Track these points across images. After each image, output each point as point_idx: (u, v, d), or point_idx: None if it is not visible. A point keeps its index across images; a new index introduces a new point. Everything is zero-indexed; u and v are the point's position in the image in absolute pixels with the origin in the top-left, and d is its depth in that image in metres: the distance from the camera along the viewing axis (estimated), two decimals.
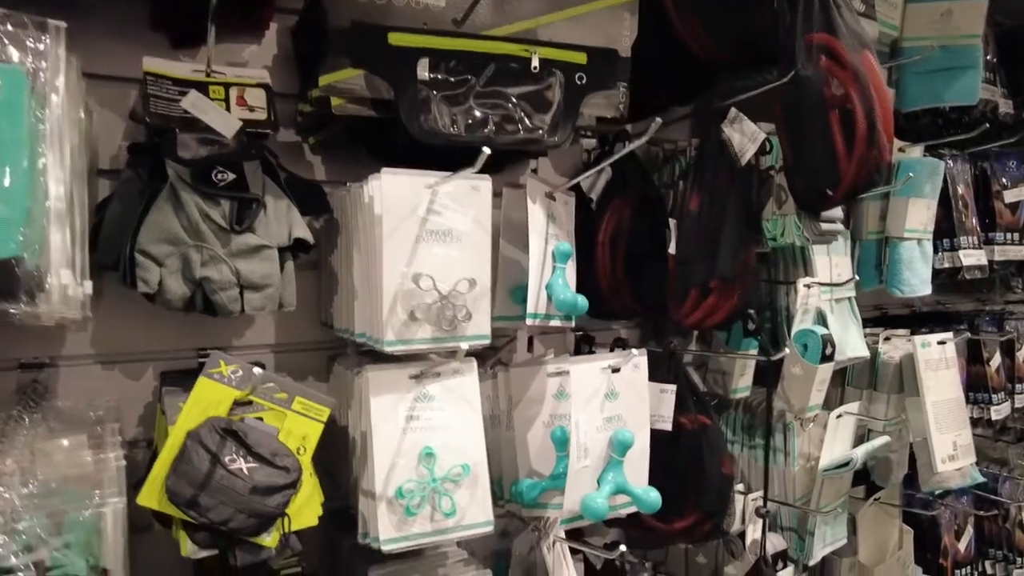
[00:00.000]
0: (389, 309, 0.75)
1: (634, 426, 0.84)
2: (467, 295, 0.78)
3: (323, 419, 0.74)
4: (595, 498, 0.78)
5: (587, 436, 0.80)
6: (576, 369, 0.79)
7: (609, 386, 0.82)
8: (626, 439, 0.81)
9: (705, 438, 1.06)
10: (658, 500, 0.83)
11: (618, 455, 0.81)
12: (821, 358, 1.04)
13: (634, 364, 0.85)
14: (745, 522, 1.14)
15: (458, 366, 0.82)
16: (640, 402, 0.86)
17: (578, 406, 0.79)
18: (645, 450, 0.86)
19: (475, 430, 0.81)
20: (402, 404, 0.78)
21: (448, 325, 0.77)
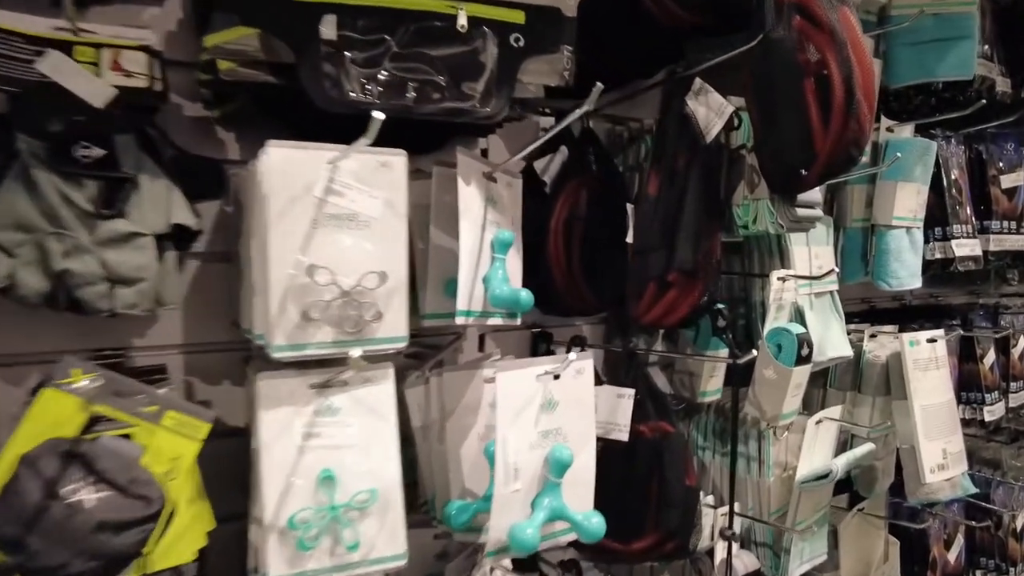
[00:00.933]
0: (279, 307, 0.63)
1: (576, 441, 0.73)
2: (376, 291, 0.66)
3: (200, 436, 0.62)
4: (524, 528, 0.67)
5: (518, 455, 0.69)
6: (505, 377, 0.68)
7: (546, 395, 0.71)
8: (564, 458, 0.70)
9: (667, 447, 0.95)
10: (601, 527, 0.72)
11: (555, 476, 0.70)
12: (797, 360, 0.93)
13: (577, 369, 0.74)
14: (714, 539, 1.04)
15: (370, 374, 0.70)
16: (584, 413, 0.75)
17: (506, 420, 0.68)
18: (589, 468, 0.75)
19: (388, 449, 0.70)
20: (299, 418, 0.67)
21: (352, 327, 0.65)
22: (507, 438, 0.68)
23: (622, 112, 1.19)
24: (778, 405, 0.94)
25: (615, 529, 0.92)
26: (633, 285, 0.87)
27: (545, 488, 0.70)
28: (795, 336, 0.92)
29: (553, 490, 0.71)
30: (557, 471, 0.70)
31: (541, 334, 1.12)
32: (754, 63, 0.81)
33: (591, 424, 0.75)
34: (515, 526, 0.67)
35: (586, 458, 0.75)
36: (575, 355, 0.71)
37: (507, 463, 0.68)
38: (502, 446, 0.67)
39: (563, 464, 0.70)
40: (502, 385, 0.67)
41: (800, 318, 1.01)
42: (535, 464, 0.70)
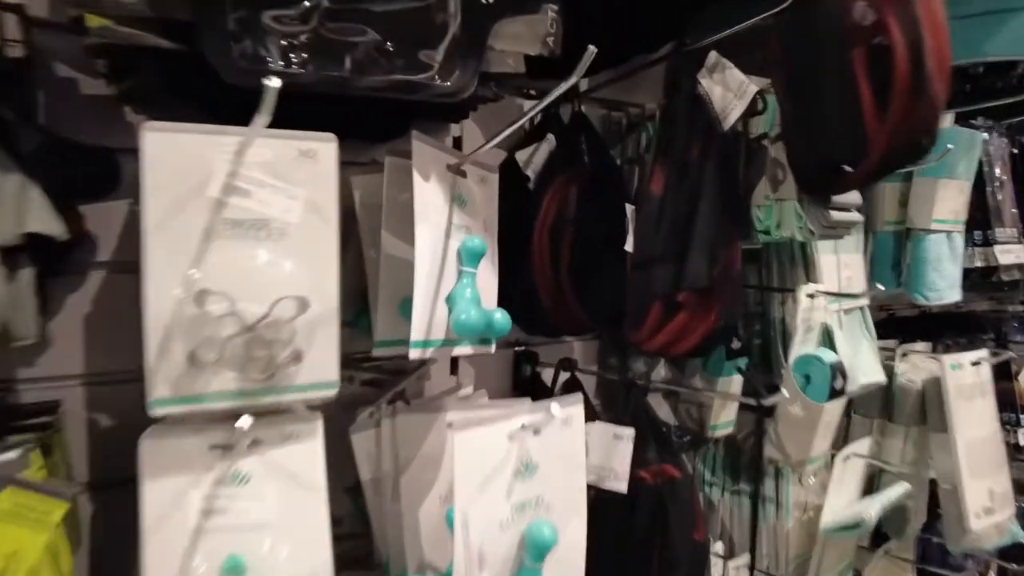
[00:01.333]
0: (159, 347, 0.47)
1: (562, 511, 0.57)
2: (293, 323, 0.50)
3: (53, 521, 0.46)
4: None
5: (483, 536, 0.53)
6: (464, 438, 0.51)
7: (523, 457, 0.55)
8: (545, 539, 0.54)
9: (672, 496, 0.79)
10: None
11: (533, 561, 0.54)
12: (830, 393, 0.77)
13: (564, 419, 0.58)
14: None
15: (291, 429, 0.54)
16: (572, 473, 0.59)
17: (466, 494, 0.51)
18: (578, 544, 0.59)
19: (316, 529, 0.53)
20: (196, 490, 0.51)
21: (260, 372, 0.49)
22: (469, 516, 0.52)
23: (620, 95, 1.02)
24: (805, 447, 0.79)
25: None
26: (633, 306, 0.71)
27: (520, 572, 0.54)
28: (828, 366, 0.77)
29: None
30: (535, 555, 0.54)
31: (525, 354, 0.97)
32: (785, 30, 0.65)
33: (581, 486, 0.59)
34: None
35: (574, 532, 0.59)
36: (557, 406, 0.55)
37: (469, 547, 0.52)
38: (462, 526, 0.51)
39: (543, 547, 0.54)
40: (461, 449, 0.51)
41: (829, 340, 0.85)
42: (507, 545, 0.54)
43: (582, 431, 0.59)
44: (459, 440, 0.51)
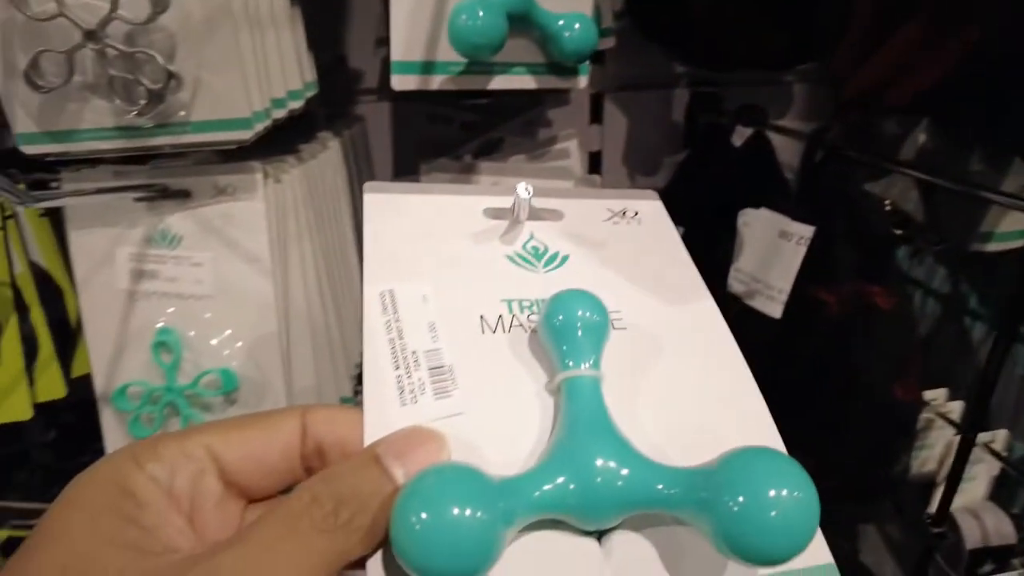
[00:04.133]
0: (3, 71, 0.35)
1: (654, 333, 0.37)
2: (171, 36, 0.34)
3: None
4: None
5: (450, 340, 0.35)
6: (375, 200, 0.32)
7: (522, 236, 0.34)
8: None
9: (868, 333, 0.51)
10: None
11: None
12: None
13: (624, 209, 0.34)
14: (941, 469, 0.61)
15: (228, 179, 0.41)
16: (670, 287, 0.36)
17: (398, 264, 0.34)
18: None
19: (260, 304, 0.42)
20: (124, 246, 0.42)
21: (131, 100, 0.35)
22: (398, 296, 0.35)
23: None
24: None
25: None
26: None
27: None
28: None
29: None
30: None
31: (701, 96, 0.67)
32: None
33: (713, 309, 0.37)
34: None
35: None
36: (525, 186, 0.32)
37: (404, 351, 0.35)
38: (381, 309, 0.35)
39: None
40: (372, 205, 0.32)
41: None
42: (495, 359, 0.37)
43: (664, 230, 0.35)
44: (372, 199, 0.32)
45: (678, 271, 0.33)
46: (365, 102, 0.68)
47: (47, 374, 0.48)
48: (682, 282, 0.33)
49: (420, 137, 0.66)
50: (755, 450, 0.20)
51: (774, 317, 0.51)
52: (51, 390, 0.48)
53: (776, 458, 0.19)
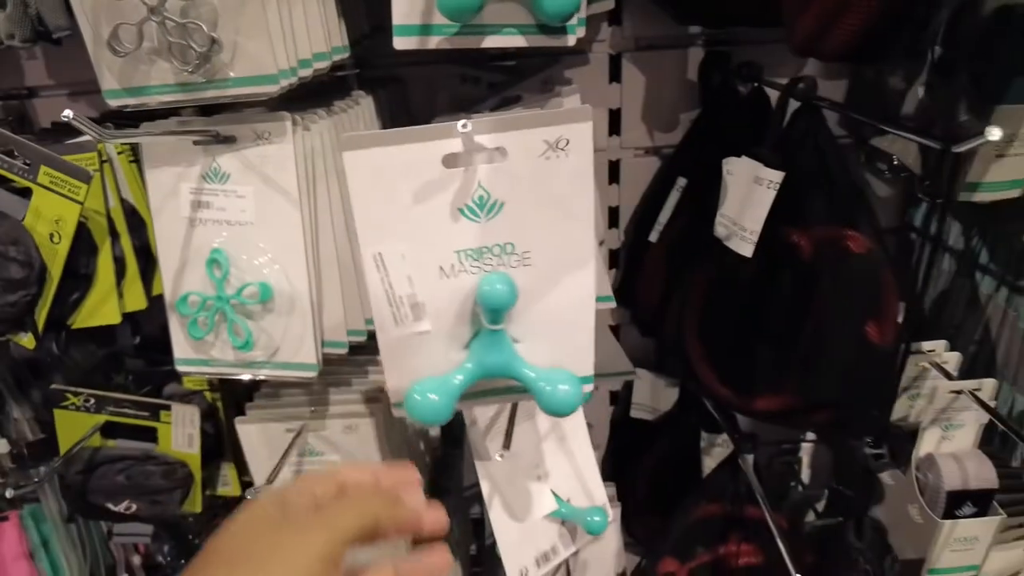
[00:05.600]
0: (94, 41, 0.45)
1: (551, 265, 0.44)
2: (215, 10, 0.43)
3: (80, 198, 0.53)
4: (427, 391, 0.44)
5: (414, 282, 0.43)
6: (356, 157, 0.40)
7: (471, 190, 0.41)
8: (499, 296, 0.42)
9: (837, 275, 0.55)
10: (570, 399, 0.45)
11: (489, 321, 0.44)
12: None
13: (552, 141, 0.41)
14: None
15: (262, 127, 0.50)
16: (566, 220, 0.43)
17: (374, 229, 0.42)
18: (580, 308, 0.45)
19: (290, 232, 0.52)
20: (185, 182, 0.52)
21: (186, 61, 0.45)
22: (387, 257, 0.43)
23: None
24: None
25: (734, 373, 0.63)
26: None
27: (479, 337, 0.45)
28: None
29: (491, 339, 0.45)
30: (489, 316, 0.44)
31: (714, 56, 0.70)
32: None
33: (582, 238, 0.44)
34: (417, 385, 0.45)
35: (571, 293, 0.45)
36: (487, 135, 0.39)
37: (395, 295, 0.44)
38: (376, 266, 0.43)
39: (492, 305, 0.43)
40: (358, 174, 0.40)
41: None
42: (459, 299, 0.44)
43: (586, 162, 0.42)
44: (354, 161, 0.40)
45: (581, 203, 0.41)
46: (406, 65, 0.76)
47: (133, 290, 0.59)
48: (580, 212, 0.41)
49: (453, 96, 0.74)
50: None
51: (745, 256, 0.55)
52: (135, 302, 0.59)
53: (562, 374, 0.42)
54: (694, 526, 0.75)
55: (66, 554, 0.78)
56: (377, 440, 0.61)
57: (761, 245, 0.56)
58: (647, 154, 0.79)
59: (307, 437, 0.61)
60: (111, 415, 0.64)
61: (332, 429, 0.61)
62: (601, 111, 0.76)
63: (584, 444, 0.67)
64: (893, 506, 0.70)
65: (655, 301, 0.70)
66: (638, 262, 0.74)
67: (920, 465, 0.64)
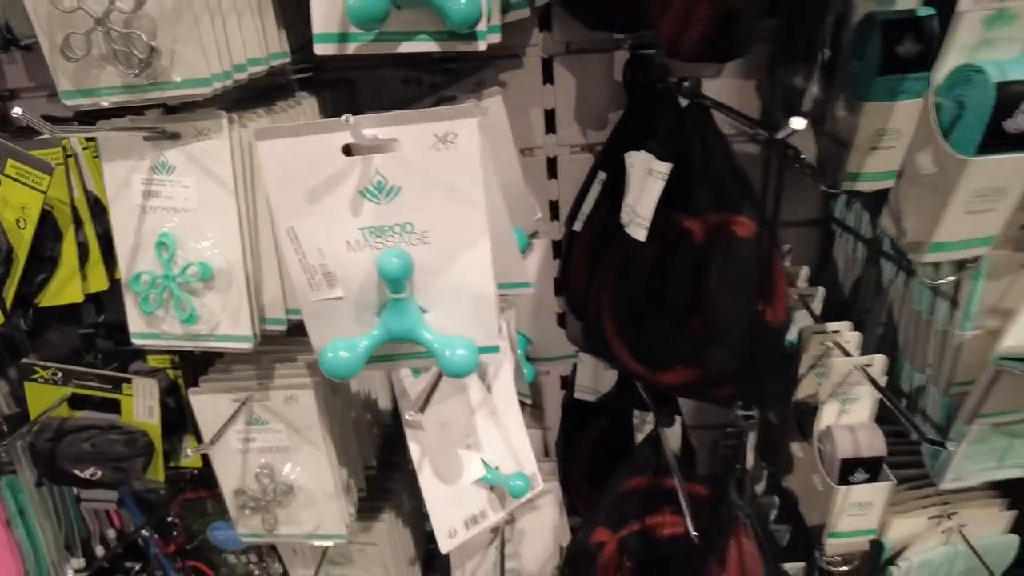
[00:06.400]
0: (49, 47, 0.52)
1: (448, 242, 0.50)
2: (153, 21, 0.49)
3: (43, 188, 0.60)
4: (339, 349, 0.50)
5: (326, 254, 0.50)
6: (270, 147, 0.46)
7: (371, 177, 0.47)
8: (393, 268, 0.48)
9: (727, 258, 0.61)
10: (467, 362, 0.51)
11: (392, 291, 0.50)
12: (985, 139, 0.44)
13: (441, 134, 0.47)
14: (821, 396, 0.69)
15: (201, 124, 0.56)
16: (459, 204, 0.49)
17: (289, 208, 0.48)
18: (478, 279, 0.51)
19: (226, 219, 0.58)
20: (137, 174, 0.59)
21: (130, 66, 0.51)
22: (297, 231, 0.49)
23: None
24: (930, 224, 0.49)
25: (643, 349, 0.68)
26: None
27: (387, 305, 0.51)
28: (992, 87, 0.43)
29: (397, 308, 0.51)
30: (390, 286, 0.50)
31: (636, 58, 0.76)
32: None
33: (474, 219, 0.50)
34: (331, 344, 0.51)
35: (468, 266, 0.51)
36: (373, 128, 0.45)
37: (308, 265, 0.50)
38: (290, 239, 0.49)
39: (389, 276, 0.49)
40: (269, 160, 0.47)
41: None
42: (365, 269, 0.50)
43: (474, 154, 0.47)
44: (266, 150, 0.46)
45: (470, 188, 0.46)
46: (355, 68, 0.82)
47: (95, 272, 0.66)
48: (470, 196, 0.46)
49: (396, 97, 0.80)
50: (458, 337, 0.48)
51: (640, 240, 0.61)
52: (98, 283, 0.66)
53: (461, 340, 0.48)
54: (623, 497, 0.80)
55: (41, 524, 0.84)
56: (317, 410, 0.67)
57: (660, 231, 0.62)
58: (582, 151, 0.84)
59: (253, 407, 0.67)
60: (77, 387, 0.70)
61: (275, 400, 0.67)
62: (537, 111, 0.82)
63: (515, 418, 0.73)
64: (801, 476, 0.75)
65: (582, 287, 0.76)
66: (569, 252, 0.80)
67: (820, 437, 0.70)
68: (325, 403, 0.68)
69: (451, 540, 0.69)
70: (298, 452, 0.69)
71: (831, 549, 0.72)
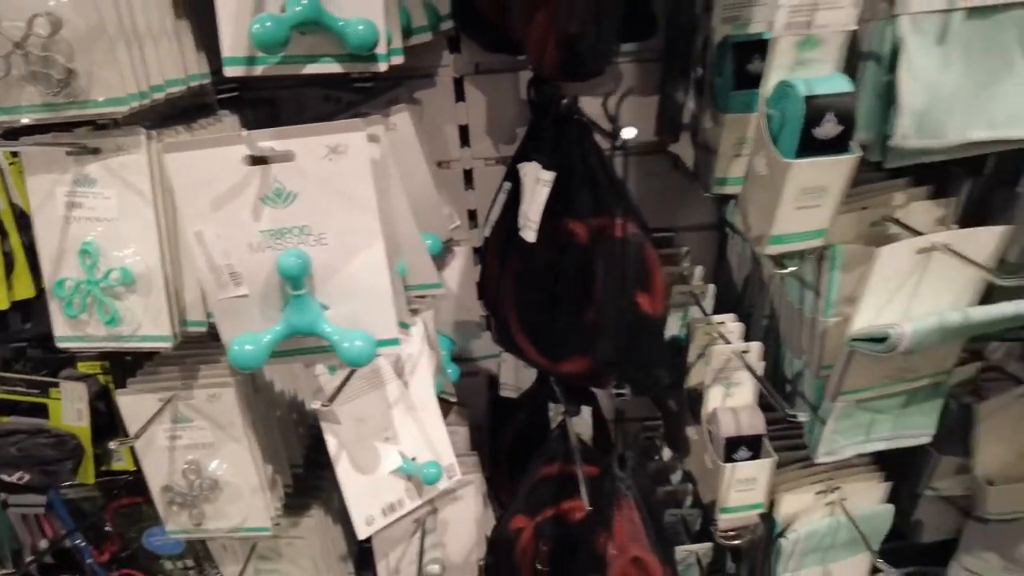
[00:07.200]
0: None
1: (344, 244, 0.55)
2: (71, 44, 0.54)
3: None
4: (244, 342, 0.55)
5: (230, 255, 0.55)
6: (178, 159, 0.51)
7: (271, 184, 0.53)
8: (292, 267, 0.53)
9: (611, 256, 0.67)
10: (364, 353, 0.56)
11: (292, 288, 0.55)
12: (802, 145, 0.52)
13: (332, 146, 0.52)
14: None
15: (121, 140, 0.61)
16: (353, 209, 0.54)
17: (197, 213, 0.53)
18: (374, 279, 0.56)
19: (145, 226, 0.62)
20: (60, 187, 0.63)
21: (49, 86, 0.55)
22: (203, 233, 0.54)
23: None
24: (767, 220, 0.56)
25: (542, 342, 0.74)
26: None
27: (289, 302, 0.56)
28: (801, 101, 0.50)
29: (299, 304, 0.56)
30: (290, 283, 0.55)
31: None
32: None
33: (367, 224, 0.55)
34: (238, 338, 0.56)
35: (364, 267, 0.56)
36: (271, 140, 0.50)
37: (215, 265, 0.55)
38: (198, 242, 0.54)
39: (288, 275, 0.54)
40: (177, 171, 0.52)
41: (887, 63, 0.54)
42: (267, 269, 0.55)
43: (363, 163, 0.53)
44: (172, 161, 0.51)
45: (362, 194, 0.52)
46: (279, 88, 0.87)
47: (21, 281, 0.69)
48: (362, 201, 0.52)
49: (317, 114, 0.85)
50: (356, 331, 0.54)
51: (531, 242, 0.67)
52: (24, 291, 0.69)
53: (359, 334, 0.54)
54: (538, 485, 0.86)
55: None
56: (239, 407, 0.71)
57: (551, 234, 0.69)
58: (496, 163, 0.91)
59: (178, 406, 0.71)
60: (4, 393, 0.73)
61: (199, 398, 0.71)
62: (451, 126, 0.89)
63: (433, 412, 0.78)
64: (696, 458, 0.82)
65: (493, 289, 0.82)
66: (483, 257, 0.86)
67: (708, 419, 0.77)
68: (247, 400, 0.72)
69: (369, 527, 0.74)
70: (222, 448, 0.73)
71: (723, 524, 0.78)
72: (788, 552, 0.83)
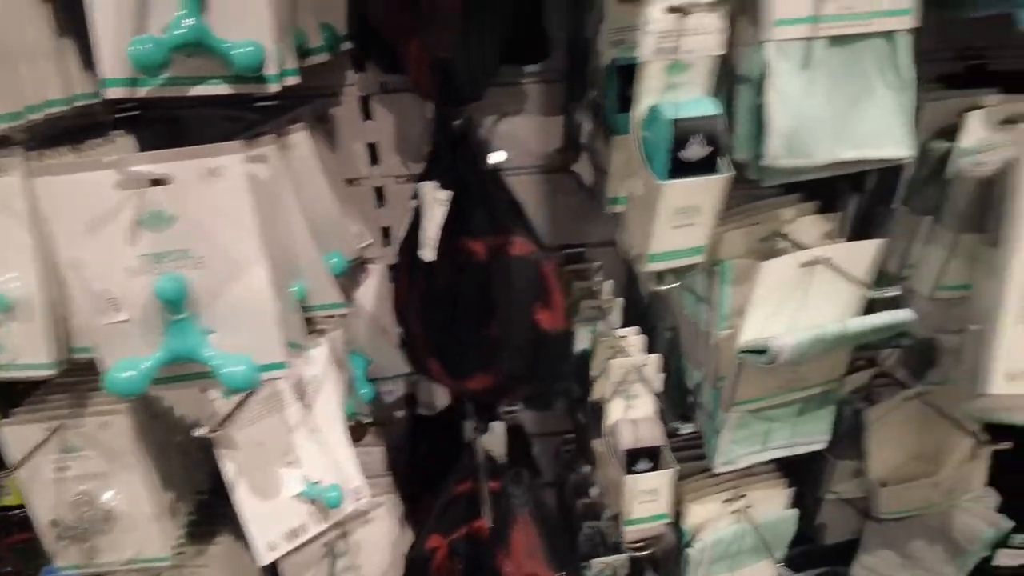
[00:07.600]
0: None
1: (226, 266, 0.55)
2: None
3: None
4: (123, 369, 0.54)
5: (107, 280, 0.53)
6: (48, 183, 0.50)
7: (147, 208, 0.52)
8: (163, 292, 0.53)
9: (508, 273, 0.68)
10: (245, 378, 0.55)
11: (171, 312, 0.54)
12: (672, 167, 0.54)
13: (208, 170, 0.52)
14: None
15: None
16: (234, 230, 0.54)
17: (71, 239, 0.52)
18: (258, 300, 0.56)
19: (22, 251, 0.60)
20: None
21: None
22: (80, 259, 0.53)
23: None
24: (645, 239, 0.58)
25: (448, 360, 0.74)
26: None
27: (169, 326, 0.55)
28: (669, 124, 0.52)
29: (180, 328, 0.55)
30: (169, 307, 0.54)
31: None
32: None
33: (249, 245, 0.55)
34: (117, 364, 0.55)
35: (247, 289, 0.56)
36: (147, 165, 0.50)
37: (92, 291, 0.54)
38: (73, 268, 0.53)
39: (165, 299, 0.53)
40: (48, 196, 0.50)
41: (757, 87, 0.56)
42: (147, 293, 0.54)
43: (241, 185, 0.53)
44: (43, 186, 0.50)
45: (242, 217, 0.52)
46: (183, 107, 0.85)
47: None
48: (242, 224, 0.52)
49: (218, 134, 0.84)
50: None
51: (430, 260, 0.68)
52: None
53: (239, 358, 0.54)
54: (452, 503, 0.86)
55: None
56: (132, 435, 0.69)
57: (451, 252, 0.69)
58: (407, 181, 0.91)
59: (67, 435, 0.69)
60: None
61: (89, 426, 0.69)
62: (360, 144, 0.89)
63: (339, 434, 0.77)
64: (603, 470, 0.83)
65: (403, 307, 0.82)
66: (395, 275, 0.86)
67: (610, 432, 0.78)
68: (140, 427, 0.70)
69: (272, 552, 0.72)
70: (116, 477, 0.71)
71: (629, 535, 0.80)
72: (697, 561, 0.85)
